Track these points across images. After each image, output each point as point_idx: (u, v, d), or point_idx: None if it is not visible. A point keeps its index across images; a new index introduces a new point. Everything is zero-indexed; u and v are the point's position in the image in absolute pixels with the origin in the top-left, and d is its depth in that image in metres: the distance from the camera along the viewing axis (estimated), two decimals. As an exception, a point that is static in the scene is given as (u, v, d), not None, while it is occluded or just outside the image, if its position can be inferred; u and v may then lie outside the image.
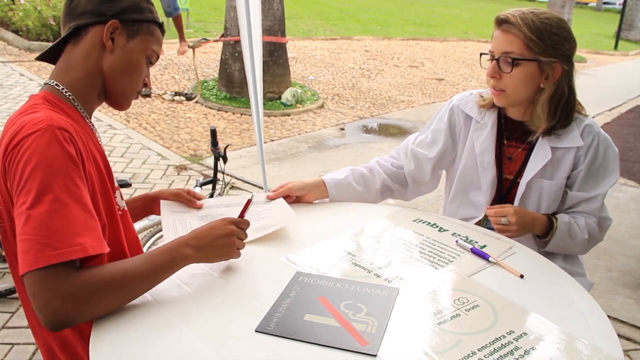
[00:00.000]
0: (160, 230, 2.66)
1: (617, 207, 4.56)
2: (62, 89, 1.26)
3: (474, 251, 1.45)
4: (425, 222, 1.64)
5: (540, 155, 1.70)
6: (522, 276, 1.35)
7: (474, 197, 1.84)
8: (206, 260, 1.26)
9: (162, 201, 1.60)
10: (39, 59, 1.34)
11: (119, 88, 1.33)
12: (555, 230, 1.68)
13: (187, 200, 1.62)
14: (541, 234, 1.71)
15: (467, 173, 1.83)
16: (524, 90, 1.65)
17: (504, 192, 1.80)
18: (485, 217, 1.81)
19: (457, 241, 1.50)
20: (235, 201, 1.67)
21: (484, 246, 1.49)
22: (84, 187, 1.13)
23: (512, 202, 1.76)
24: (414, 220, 1.65)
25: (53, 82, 1.27)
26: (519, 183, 1.76)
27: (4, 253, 2.83)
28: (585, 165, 1.70)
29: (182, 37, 7.01)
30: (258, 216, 1.56)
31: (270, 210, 1.61)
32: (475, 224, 1.82)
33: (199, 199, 1.65)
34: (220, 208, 1.63)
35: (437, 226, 1.62)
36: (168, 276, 1.18)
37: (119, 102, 1.36)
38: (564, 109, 1.66)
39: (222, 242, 1.25)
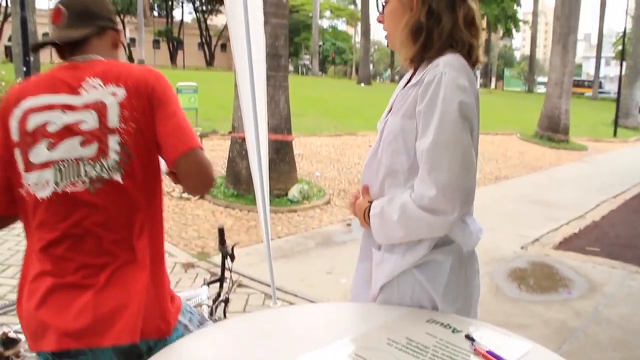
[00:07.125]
0: None
1: (630, 296, 4.48)
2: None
3: (491, 354, 1.42)
4: (439, 322, 1.62)
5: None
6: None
7: None
8: None
9: None
10: (49, 42, 1.69)
11: None
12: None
13: None
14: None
15: None
16: (394, 29, 1.65)
17: None
18: None
19: (473, 343, 1.48)
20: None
21: (492, 343, 1.46)
22: None
23: None
24: (427, 321, 1.63)
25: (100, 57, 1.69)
26: None
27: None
28: (419, 109, 1.53)
29: None
30: None
31: None
32: None
33: None
34: None
35: (450, 327, 1.59)
36: None
37: None
38: (424, 41, 1.58)
39: None
